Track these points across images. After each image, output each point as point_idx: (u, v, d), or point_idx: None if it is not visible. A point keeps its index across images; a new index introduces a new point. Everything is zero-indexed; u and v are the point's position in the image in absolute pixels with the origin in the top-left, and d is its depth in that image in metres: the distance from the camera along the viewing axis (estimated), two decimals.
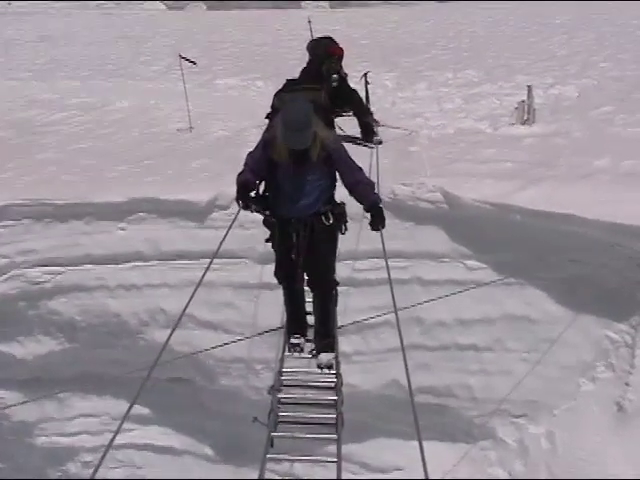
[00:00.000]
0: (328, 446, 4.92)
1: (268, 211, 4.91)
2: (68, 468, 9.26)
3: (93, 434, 9.02)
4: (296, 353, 5.35)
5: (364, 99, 9.44)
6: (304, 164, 4.63)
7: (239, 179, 4.78)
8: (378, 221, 4.77)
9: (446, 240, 7.84)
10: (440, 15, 24.09)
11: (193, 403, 8.92)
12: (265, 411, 4.71)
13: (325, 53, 8.51)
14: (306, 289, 5.24)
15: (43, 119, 12.05)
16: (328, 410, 4.73)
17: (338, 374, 5.05)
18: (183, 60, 11.28)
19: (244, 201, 4.77)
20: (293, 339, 5.36)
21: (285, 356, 5.33)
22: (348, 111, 9.06)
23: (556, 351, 7.50)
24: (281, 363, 5.26)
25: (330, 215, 4.84)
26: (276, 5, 28.91)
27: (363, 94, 9.48)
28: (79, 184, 8.67)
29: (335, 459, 4.32)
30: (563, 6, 23.02)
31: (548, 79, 12.79)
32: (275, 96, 5.03)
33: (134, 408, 3.68)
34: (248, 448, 7.51)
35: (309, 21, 11.17)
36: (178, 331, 4.29)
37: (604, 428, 7.05)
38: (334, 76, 8.47)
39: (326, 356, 5.14)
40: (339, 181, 4.89)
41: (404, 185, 7.95)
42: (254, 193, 4.88)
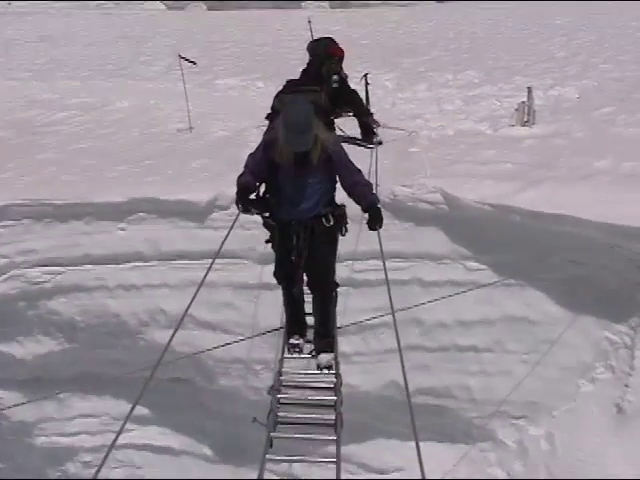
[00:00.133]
0: (327, 447, 4.90)
1: (268, 213, 4.91)
2: (67, 468, 9.26)
3: (93, 434, 9.03)
4: (295, 354, 5.35)
5: (364, 100, 9.44)
6: (305, 167, 4.63)
7: (239, 181, 4.77)
8: (376, 221, 4.78)
9: (446, 241, 7.84)
10: (440, 16, 24.08)
11: (192, 403, 8.92)
12: (264, 411, 4.70)
13: (325, 54, 8.50)
14: (306, 290, 5.24)
15: (43, 119, 12.05)
16: (327, 411, 4.72)
17: (337, 375, 5.04)
18: (183, 60, 11.28)
19: (244, 204, 4.78)
20: (292, 340, 5.36)
21: (284, 357, 5.33)
22: (348, 112, 9.06)
23: (556, 352, 7.50)
24: (280, 363, 5.25)
25: (330, 217, 4.84)
26: (276, 5, 28.90)
27: (363, 95, 9.48)
28: (79, 184, 8.67)
29: (334, 460, 4.31)
30: (563, 6, 23.02)
31: (548, 80, 12.80)
32: (275, 97, 5.02)
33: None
34: (247, 448, 7.50)
35: (309, 21, 11.14)
36: (178, 331, 4.30)
37: (603, 429, 7.06)
38: (334, 77, 8.46)
39: (325, 356, 5.14)
40: (339, 183, 4.90)
41: (404, 186, 7.96)
42: (254, 195, 4.87)
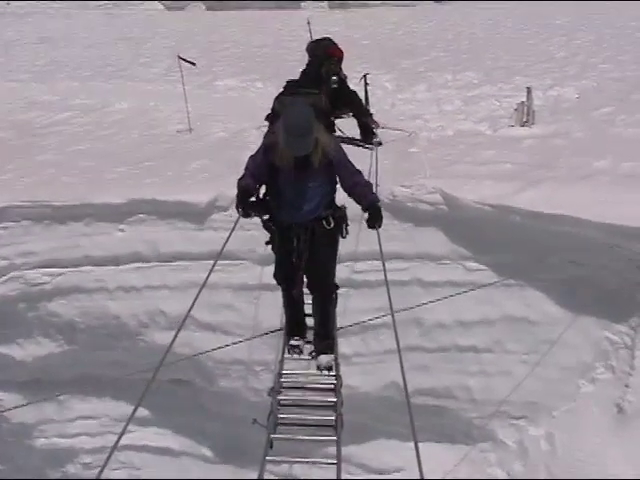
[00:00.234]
0: (327, 447, 4.92)
1: (268, 215, 4.91)
2: (67, 469, 9.25)
3: (93, 436, 9.02)
4: (295, 355, 5.35)
5: (364, 100, 9.44)
6: (306, 170, 4.62)
7: (240, 184, 4.77)
8: (375, 219, 4.78)
9: (446, 241, 7.84)
10: (439, 16, 24.05)
11: (193, 404, 8.92)
12: (265, 413, 4.70)
13: (324, 55, 8.49)
14: (306, 291, 5.24)
15: (43, 121, 12.05)
16: (327, 412, 4.73)
17: (338, 376, 5.04)
18: (182, 61, 11.27)
19: (244, 208, 4.78)
20: (293, 341, 5.36)
21: (285, 358, 5.32)
22: (348, 113, 9.05)
23: (556, 352, 7.50)
24: (281, 365, 5.25)
25: (331, 219, 4.84)
26: (276, 6, 28.85)
27: (362, 95, 9.48)
28: (79, 186, 8.67)
29: (334, 460, 4.32)
30: (562, 7, 23.00)
31: (547, 80, 12.80)
32: (276, 99, 5.02)
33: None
34: (247, 450, 7.51)
35: (308, 22, 11.14)
36: (179, 333, 4.30)
37: (604, 429, 7.06)
38: (334, 78, 8.45)
39: (325, 358, 5.14)
40: (339, 184, 4.90)
41: (403, 187, 7.96)
42: (254, 197, 4.87)
